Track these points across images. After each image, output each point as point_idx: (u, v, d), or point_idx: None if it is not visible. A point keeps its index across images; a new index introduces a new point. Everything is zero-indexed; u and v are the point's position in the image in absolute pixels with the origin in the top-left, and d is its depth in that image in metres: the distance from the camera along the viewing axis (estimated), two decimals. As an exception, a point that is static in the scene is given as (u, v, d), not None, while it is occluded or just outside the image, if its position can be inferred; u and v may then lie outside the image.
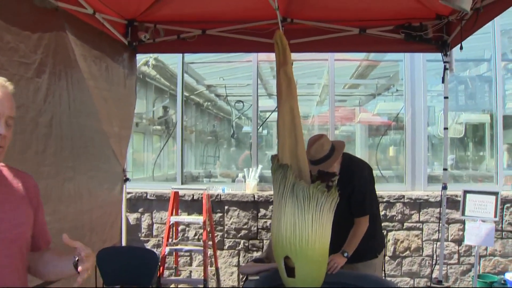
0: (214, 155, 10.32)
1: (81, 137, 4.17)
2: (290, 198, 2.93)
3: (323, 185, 2.88)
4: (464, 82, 7.74)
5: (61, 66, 3.79)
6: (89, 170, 4.38)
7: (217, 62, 8.41)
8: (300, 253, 2.92)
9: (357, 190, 3.87)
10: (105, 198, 4.79)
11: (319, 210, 2.92)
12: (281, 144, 3.09)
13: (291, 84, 3.11)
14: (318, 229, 2.94)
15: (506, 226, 6.29)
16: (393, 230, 6.30)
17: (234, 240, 6.46)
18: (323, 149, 3.77)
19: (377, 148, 8.10)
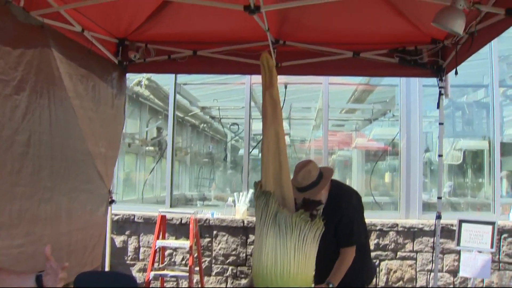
0: (209, 178, 10.22)
1: (62, 157, 4.03)
2: (272, 227, 2.80)
3: (306, 214, 2.76)
4: (462, 108, 7.65)
5: (43, 84, 3.67)
6: (70, 191, 4.23)
7: (211, 84, 8.36)
8: (282, 285, 2.79)
9: (345, 220, 3.66)
10: (87, 220, 4.63)
11: (302, 240, 2.79)
12: (265, 169, 2.97)
13: (277, 107, 3.01)
14: (301, 260, 2.81)
15: (503, 257, 6.13)
16: (386, 259, 6.13)
17: (222, 266, 6.29)
18: (310, 175, 3.56)
19: (372, 174, 7.99)
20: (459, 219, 5.64)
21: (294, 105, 8.40)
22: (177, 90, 7.30)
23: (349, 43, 4.94)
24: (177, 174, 9.91)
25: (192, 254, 5.61)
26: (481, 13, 3.71)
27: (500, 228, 6.05)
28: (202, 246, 6.27)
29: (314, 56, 4.96)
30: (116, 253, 6.39)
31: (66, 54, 4.03)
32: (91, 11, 4.27)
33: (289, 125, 9.04)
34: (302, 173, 3.57)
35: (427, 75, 5.09)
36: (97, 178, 4.84)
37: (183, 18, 4.58)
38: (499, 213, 6.53)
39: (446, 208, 7.38)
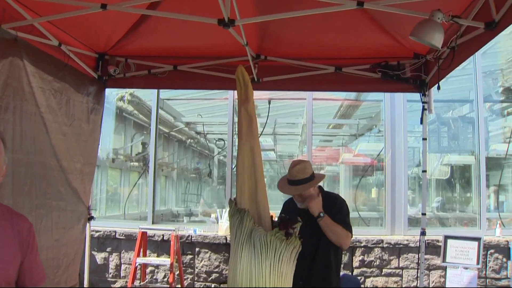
0: (197, 193, 10.14)
1: (26, 174, 3.90)
2: (247, 246, 2.72)
3: (281, 233, 2.68)
4: (447, 123, 7.63)
5: (9, 99, 3.57)
6: (37, 208, 4.09)
7: (195, 99, 8.29)
8: (257, 305, 2.70)
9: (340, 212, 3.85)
10: (59, 238, 4.50)
11: (277, 259, 2.71)
12: (240, 186, 2.90)
13: (252, 122, 2.94)
14: (276, 280, 2.72)
15: (490, 273, 6.07)
16: (371, 276, 6.05)
17: (204, 284, 6.18)
18: (305, 171, 3.76)
19: (360, 189, 7.95)
20: (444, 235, 5.59)
21: (279, 120, 8.35)
22: (160, 105, 7.24)
23: (331, 58, 4.91)
24: (163, 190, 9.83)
25: (173, 272, 5.51)
26: (462, 28, 3.70)
27: (486, 244, 6.00)
28: (185, 263, 6.17)
29: (296, 71, 4.93)
30: (97, 270, 6.29)
31: (40, 68, 3.96)
32: (69, 26, 4.21)
33: (274, 140, 8.99)
34: (298, 167, 3.74)
35: (410, 90, 5.05)
36: (71, 195, 4.72)
37: (163, 32, 4.54)
38: (485, 228, 6.48)
39: (434, 223, 7.34)
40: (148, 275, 6.22)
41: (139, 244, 5.63)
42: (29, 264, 2.26)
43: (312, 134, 6.81)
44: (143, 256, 5.84)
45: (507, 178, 7.83)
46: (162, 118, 8.16)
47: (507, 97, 8.03)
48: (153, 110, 6.98)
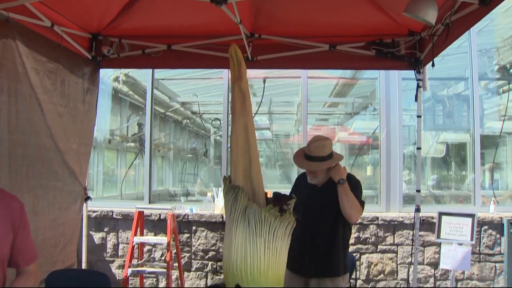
0: (193, 173, 10.16)
1: (23, 155, 3.91)
2: (242, 223, 2.74)
3: (275, 209, 2.69)
4: (442, 101, 7.64)
5: (4, 80, 3.57)
6: (34, 189, 4.11)
7: (190, 79, 8.27)
8: (252, 281, 2.73)
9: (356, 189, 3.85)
10: (56, 218, 4.53)
11: (272, 235, 2.73)
12: (234, 164, 2.90)
13: (246, 100, 2.94)
14: (271, 256, 2.74)
15: (483, 249, 6.13)
16: (367, 252, 6.10)
17: (201, 262, 6.23)
18: (324, 149, 3.77)
19: (356, 167, 7.98)
20: (439, 212, 5.62)
21: (274, 99, 8.34)
22: (155, 86, 7.23)
23: (325, 36, 4.89)
24: (160, 170, 9.86)
25: (170, 250, 5.54)
26: (456, 4, 3.68)
27: (480, 220, 6.05)
28: (182, 242, 6.21)
29: (290, 49, 4.91)
30: (94, 249, 6.32)
31: (33, 49, 3.95)
32: (61, 6, 4.18)
33: (269, 119, 8.99)
34: (317, 144, 3.77)
35: (405, 67, 5.05)
36: (68, 175, 4.74)
37: (156, 11, 4.51)
38: (480, 205, 6.53)
39: (430, 201, 7.39)
40: (146, 254, 6.27)
41: (136, 224, 5.66)
42: (21, 242, 2.31)
43: (307, 113, 6.81)
44: (140, 235, 5.87)
45: (502, 156, 7.88)
46: (158, 98, 8.15)
47: (502, 75, 8.03)
48: (148, 91, 6.96)
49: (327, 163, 3.79)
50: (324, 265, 3.87)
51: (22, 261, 2.32)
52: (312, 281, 3.89)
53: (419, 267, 5.99)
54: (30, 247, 2.39)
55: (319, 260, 3.86)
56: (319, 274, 3.87)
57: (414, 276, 5.20)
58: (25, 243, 2.35)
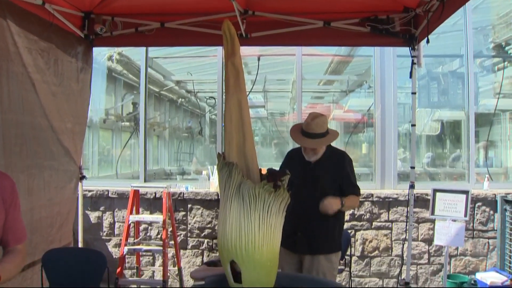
0: (189, 152, 10.16)
1: (17, 134, 3.91)
2: (236, 199, 2.74)
3: (270, 185, 2.70)
4: (437, 78, 7.62)
5: (-5, 60, 3.56)
6: (28, 168, 4.11)
7: (185, 58, 8.22)
8: (247, 257, 2.74)
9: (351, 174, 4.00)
10: (52, 197, 4.54)
11: (266, 211, 2.74)
12: (228, 140, 2.90)
13: (239, 76, 2.92)
14: (266, 231, 2.76)
15: (477, 225, 6.18)
16: (361, 229, 6.15)
17: (197, 240, 6.26)
18: (323, 126, 3.81)
19: (351, 145, 7.99)
20: (433, 189, 5.66)
21: (269, 77, 8.30)
22: (149, 64, 7.19)
23: (319, 12, 4.88)
24: (156, 149, 9.86)
25: (166, 228, 5.57)
26: (450, -21, 3.67)
27: (474, 197, 6.09)
28: (177, 220, 6.24)
29: (284, 26, 4.90)
30: (91, 229, 6.34)
31: (25, 28, 3.92)
32: (52, -17, 4.16)
33: (264, 98, 8.97)
34: (318, 121, 3.79)
35: (400, 44, 5.04)
36: (63, 155, 4.74)
37: (149, -12, 4.49)
38: (474, 183, 6.56)
39: (424, 178, 7.42)
40: (142, 233, 6.29)
41: (131, 202, 5.67)
42: (12, 221, 2.30)
43: (302, 90, 6.79)
44: (136, 214, 5.89)
45: (496, 134, 7.89)
46: (152, 77, 8.11)
47: (497, 53, 8.02)
48: (142, 69, 6.92)
49: (327, 139, 3.84)
50: (317, 242, 3.91)
51: (12, 239, 2.30)
52: (306, 258, 3.94)
53: (414, 243, 6.04)
54: (20, 226, 2.37)
55: (312, 237, 3.90)
56: (313, 251, 3.92)
57: (408, 252, 5.26)
58: (15, 222, 2.33)
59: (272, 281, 2.92)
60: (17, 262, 2.28)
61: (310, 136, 3.79)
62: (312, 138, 3.79)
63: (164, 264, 5.52)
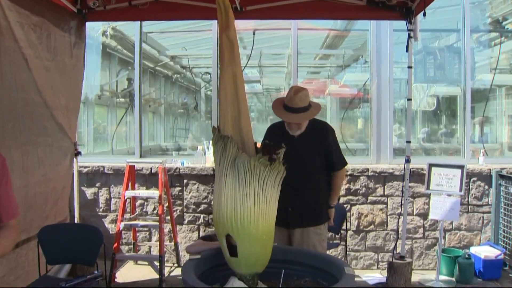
0: (185, 128, 10.13)
1: (10, 110, 3.87)
2: (231, 172, 2.75)
3: (265, 158, 2.70)
4: (433, 53, 7.59)
5: (-15, 35, 3.51)
6: (22, 144, 4.08)
7: (179, 32, 8.14)
8: (242, 231, 2.76)
9: (334, 145, 4.00)
10: (47, 173, 4.52)
11: (261, 185, 2.74)
12: (223, 114, 2.90)
13: (234, 49, 2.91)
14: (261, 205, 2.76)
15: (472, 200, 6.20)
16: (357, 204, 6.16)
17: (193, 215, 6.27)
18: (306, 99, 3.78)
19: (347, 120, 7.97)
20: (428, 163, 5.68)
21: (264, 51, 8.24)
22: (144, 39, 7.11)
23: (315, -15, 4.82)
24: (151, 125, 9.82)
25: (162, 204, 5.57)
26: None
27: (469, 172, 6.09)
28: (173, 195, 6.24)
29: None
30: (87, 205, 6.34)
31: (15, 2, 3.87)
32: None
33: (260, 73, 8.91)
34: (301, 95, 3.76)
35: (396, 17, 5.00)
36: (57, 131, 4.71)
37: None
38: (469, 157, 6.57)
39: (420, 154, 7.42)
40: (138, 208, 6.30)
41: (127, 178, 5.66)
42: (3, 197, 2.27)
43: (297, 65, 6.74)
44: (132, 190, 5.89)
45: (492, 110, 7.89)
46: (146, 52, 8.04)
47: (494, 28, 7.97)
48: (136, 44, 6.83)
49: (312, 112, 3.83)
50: (308, 216, 3.95)
51: (5, 215, 2.27)
52: (296, 232, 3.96)
53: (409, 217, 6.06)
54: (12, 202, 2.34)
55: (303, 211, 3.91)
56: (303, 225, 3.94)
57: (403, 226, 5.28)
58: (7, 198, 2.30)
59: (268, 254, 2.94)
60: (11, 238, 2.26)
61: (294, 110, 3.75)
62: (296, 113, 3.75)
63: (160, 239, 5.53)
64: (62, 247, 4.08)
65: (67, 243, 4.09)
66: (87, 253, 4.05)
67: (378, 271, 6.14)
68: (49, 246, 4.06)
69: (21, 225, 3.49)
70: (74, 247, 4.08)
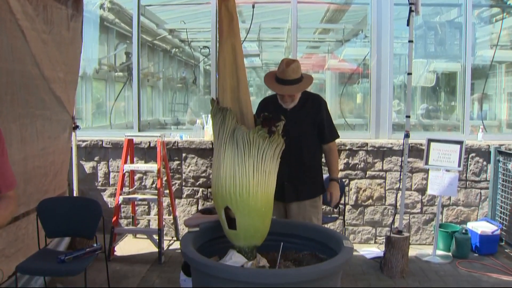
0: (183, 103, 10.10)
1: (8, 83, 3.84)
2: (230, 145, 2.74)
3: (264, 130, 2.68)
4: (434, 28, 7.52)
5: (-20, 7, 3.46)
6: (20, 117, 4.06)
7: (178, 5, 8.04)
8: (241, 203, 2.76)
9: (327, 117, 4.00)
10: (46, 146, 4.50)
11: (260, 157, 2.74)
12: (222, 86, 2.88)
13: (233, 20, 2.87)
14: (260, 178, 2.76)
15: (470, 175, 6.21)
16: (356, 178, 6.17)
17: (192, 189, 6.28)
18: (298, 71, 3.74)
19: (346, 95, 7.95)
20: (428, 138, 5.66)
21: (264, 26, 8.16)
22: (142, 12, 7.02)
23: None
24: (150, 100, 9.79)
25: (161, 177, 5.57)
26: None
27: (468, 148, 6.09)
28: (172, 169, 6.24)
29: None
30: (86, 179, 6.35)
31: (11, -27, 3.80)
32: None
33: (259, 47, 8.84)
34: (293, 66, 3.72)
35: (397, -10, 4.94)
36: (56, 104, 4.68)
37: None
38: (468, 133, 6.55)
39: (419, 130, 7.41)
40: (137, 182, 6.31)
41: (125, 152, 5.65)
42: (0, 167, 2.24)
43: (297, 39, 6.68)
44: (131, 163, 5.89)
45: (491, 88, 7.86)
46: (145, 26, 7.96)
47: (496, 3, 7.89)
48: (134, 18, 6.73)
49: (305, 84, 3.80)
50: (304, 189, 3.95)
51: (2, 186, 2.24)
52: (292, 205, 3.97)
53: (407, 192, 6.08)
54: (9, 172, 2.30)
55: (298, 184, 3.92)
56: (300, 198, 3.95)
57: (401, 201, 5.30)
58: (3, 168, 2.26)
59: (266, 227, 2.95)
60: (10, 209, 2.24)
61: (287, 83, 3.72)
62: (289, 85, 3.73)
63: (159, 213, 5.55)
64: (61, 220, 4.10)
65: (65, 216, 4.11)
66: (86, 226, 4.06)
67: (376, 245, 6.18)
68: (48, 219, 4.07)
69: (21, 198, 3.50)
70: (73, 220, 4.10)
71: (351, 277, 5.06)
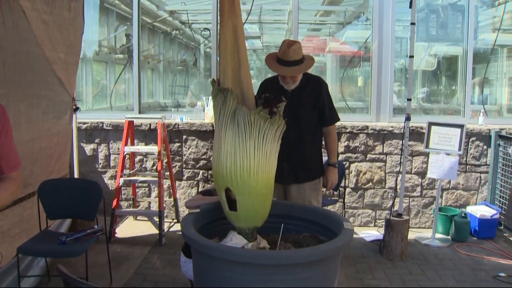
0: (184, 85, 10.06)
1: (15, 63, 3.83)
2: (231, 126, 2.73)
3: (265, 111, 2.68)
4: (436, 11, 7.46)
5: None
6: (27, 97, 4.07)
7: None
8: (242, 184, 2.76)
9: (328, 99, 3.99)
10: (50, 127, 4.51)
11: (261, 138, 2.73)
12: (223, 66, 2.86)
13: (235, 1, 2.84)
14: (261, 159, 2.76)
15: (470, 159, 6.22)
16: (356, 161, 6.18)
17: (193, 171, 6.29)
18: (299, 52, 3.72)
19: (347, 79, 7.91)
20: (428, 122, 5.66)
21: (265, 7, 8.10)
22: (141, -7, 6.98)
23: None
24: (150, 83, 9.75)
25: (161, 159, 5.58)
26: None
27: (469, 132, 6.09)
28: (172, 151, 6.25)
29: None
30: (86, 161, 6.36)
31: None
32: None
33: (260, 29, 8.79)
34: (294, 47, 3.70)
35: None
36: (58, 85, 4.67)
37: None
38: (469, 117, 6.54)
39: (419, 113, 7.39)
40: (137, 164, 6.32)
41: (126, 133, 5.65)
42: (3, 148, 2.21)
43: (298, 21, 6.65)
44: (131, 145, 5.89)
45: (492, 72, 7.82)
46: (145, 7, 7.91)
47: (500, -13, 7.84)
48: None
49: (306, 65, 3.79)
50: (303, 172, 3.96)
51: (6, 167, 2.21)
52: (292, 188, 3.98)
53: (407, 176, 6.09)
54: (13, 153, 2.27)
55: (298, 167, 3.92)
56: (299, 180, 3.95)
57: (401, 184, 5.31)
58: (8, 148, 2.23)
59: (267, 208, 2.95)
60: (11, 190, 2.21)
61: (288, 64, 3.70)
62: (291, 66, 3.71)
63: (159, 195, 5.57)
64: (62, 202, 4.12)
65: (66, 198, 4.13)
66: (87, 208, 4.08)
67: (375, 228, 6.21)
68: (49, 201, 4.09)
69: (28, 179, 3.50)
70: (73, 202, 4.12)
71: (351, 259, 5.09)
